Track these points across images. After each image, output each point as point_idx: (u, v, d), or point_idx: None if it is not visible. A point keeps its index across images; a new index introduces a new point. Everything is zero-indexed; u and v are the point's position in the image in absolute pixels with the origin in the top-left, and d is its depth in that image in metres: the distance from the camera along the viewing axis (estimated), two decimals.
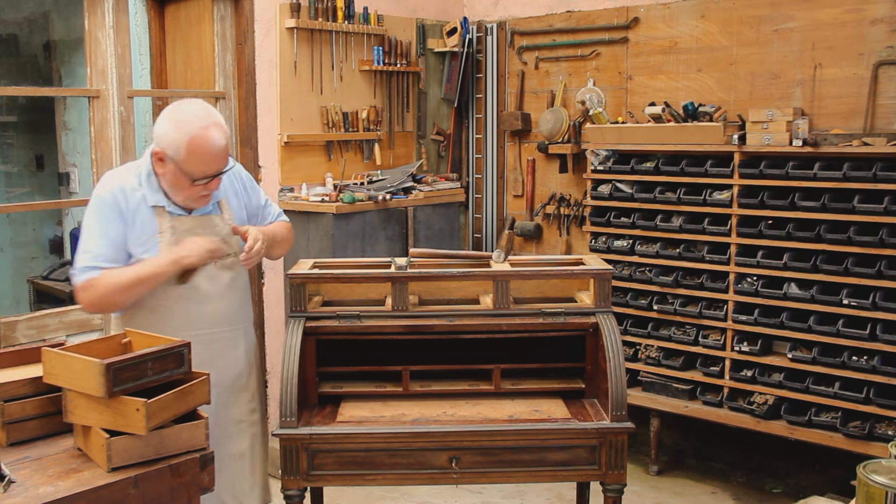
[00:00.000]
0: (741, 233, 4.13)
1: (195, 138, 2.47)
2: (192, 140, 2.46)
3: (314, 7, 4.64)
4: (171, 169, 2.51)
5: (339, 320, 2.78)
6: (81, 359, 1.97)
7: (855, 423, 3.81)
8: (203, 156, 2.48)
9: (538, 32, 5.19)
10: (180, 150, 2.47)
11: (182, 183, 2.52)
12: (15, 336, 3.69)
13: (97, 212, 2.54)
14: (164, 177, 2.55)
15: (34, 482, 1.89)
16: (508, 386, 2.91)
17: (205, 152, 2.48)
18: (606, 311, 2.81)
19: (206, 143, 2.48)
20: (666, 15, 4.64)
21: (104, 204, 2.53)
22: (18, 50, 6.17)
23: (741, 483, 4.51)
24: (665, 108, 4.41)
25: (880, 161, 3.72)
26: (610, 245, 4.59)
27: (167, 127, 2.51)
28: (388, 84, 5.13)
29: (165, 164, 2.51)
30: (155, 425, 1.96)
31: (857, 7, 4.00)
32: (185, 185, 2.52)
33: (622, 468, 2.65)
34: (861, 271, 3.76)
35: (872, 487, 1.67)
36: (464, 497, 4.29)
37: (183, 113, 2.52)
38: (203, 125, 2.49)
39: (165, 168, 2.52)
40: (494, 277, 2.82)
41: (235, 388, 2.76)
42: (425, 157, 5.41)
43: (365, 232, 4.53)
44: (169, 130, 2.50)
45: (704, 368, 4.30)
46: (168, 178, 2.54)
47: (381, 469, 2.64)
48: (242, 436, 2.78)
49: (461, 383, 2.92)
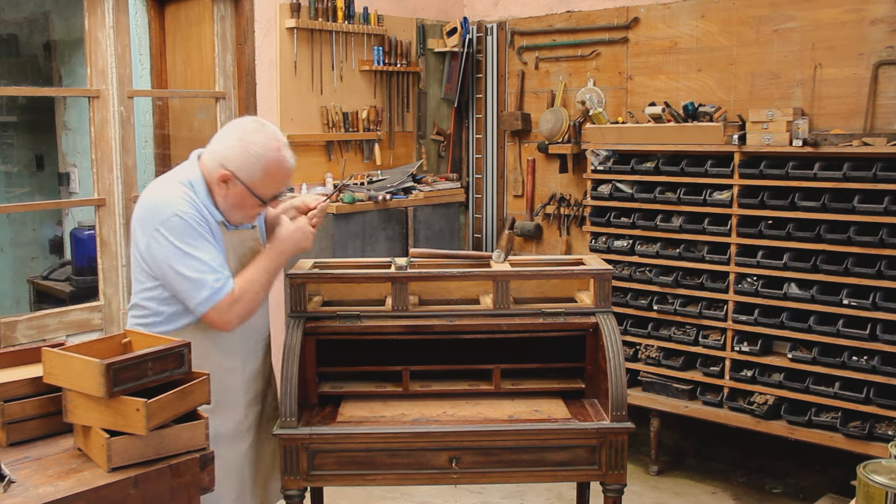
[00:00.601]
0: (741, 233, 4.13)
1: (271, 162, 2.44)
2: (268, 164, 2.43)
3: (314, 7, 4.64)
4: (239, 191, 2.45)
5: (339, 320, 2.78)
6: (81, 359, 1.97)
7: (855, 423, 3.81)
8: (277, 177, 2.48)
9: (538, 32, 5.19)
10: (255, 173, 2.43)
11: (249, 203, 2.49)
12: (15, 336, 3.69)
13: (189, 228, 2.39)
14: (227, 198, 2.47)
15: (34, 482, 1.89)
16: (508, 386, 2.91)
17: (280, 174, 2.48)
18: (606, 311, 2.81)
19: (281, 166, 2.47)
20: (666, 15, 4.64)
21: (190, 219, 2.40)
22: (18, 50, 6.17)
23: (741, 483, 4.51)
24: (665, 108, 4.41)
25: (880, 161, 3.72)
26: (610, 245, 4.59)
27: (238, 151, 2.44)
28: (388, 84, 5.14)
29: (233, 186, 2.45)
30: (155, 425, 1.96)
31: (857, 7, 4.00)
32: (252, 205, 2.50)
33: (622, 468, 2.65)
34: (861, 271, 3.76)
35: (872, 487, 1.67)
36: (464, 497, 4.29)
37: (252, 134, 2.46)
38: (276, 146, 2.46)
39: (231, 189, 2.46)
40: (494, 277, 2.82)
41: (269, 389, 2.78)
42: (425, 157, 5.41)
43: (365, 232, 4.54)
44: (241, 154, 2.44)
45: (704, 368, 4.30)
46: (232, 199, 2.47)
47: (381, 469, 2.64)
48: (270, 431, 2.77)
49: (461, 383, 2.92)
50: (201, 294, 2.38)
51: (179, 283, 2.40)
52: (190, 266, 2.38)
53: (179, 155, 5.02)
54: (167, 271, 2.41)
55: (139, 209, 2.48)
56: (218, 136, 2.54)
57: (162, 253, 2.39)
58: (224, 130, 2.54)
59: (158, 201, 2.44)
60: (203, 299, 2.38)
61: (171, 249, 2.38)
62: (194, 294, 2.39)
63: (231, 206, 2.49)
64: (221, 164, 2.46)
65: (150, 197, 2.47)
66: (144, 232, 2.43)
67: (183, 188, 2.46)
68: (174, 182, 2.49)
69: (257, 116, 2.58)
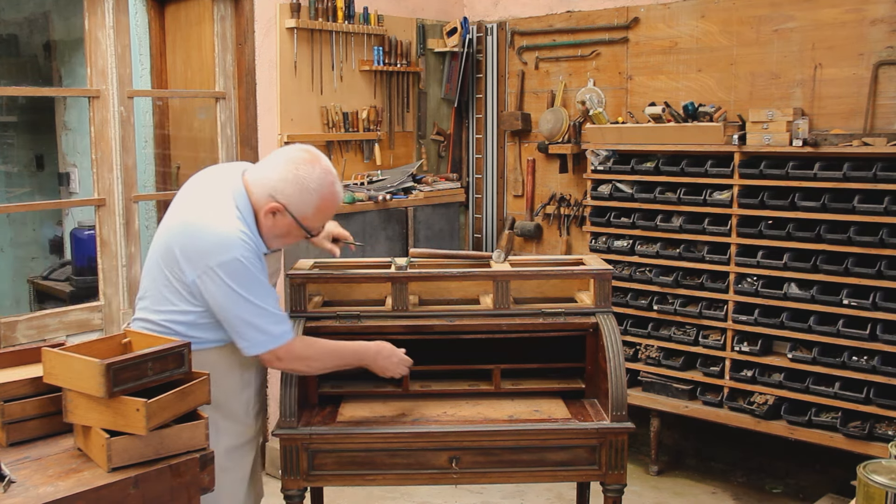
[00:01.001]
0: (741, 233, 4.13)
1: (326, 197, 2.45)
2: (322, 199, 2.44)
3: (314, 7, 4.64)
4: (287, 222, 2.44)
5: (339, 320, 2.78)
6: (81, 359, 1.97)
7: (855, 423, 3.81)
8: (328, 212, 2.50)
9: (538, 32, 5.19)
10: (308, 208, 2.43)
11: (294, 234, 2.49)
12: (15, 336, 3.69)
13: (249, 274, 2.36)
14: (273, 228, 2.45)
15: (34, 482, 1.89)
16: (508, 386, 2.91)
17: (332, 209, 2.50)
18: (606, 311, 2.81)
19: (334, 200, 2.49)
20: (666, 15, 4.64)
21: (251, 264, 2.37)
22: (18, 50, 6.17)
23: (741, 483, 4.51)
24: (665, 108, 4.41)
25: (880, 161, 3.72)
26: (610, 245, 4.59)
27: (292, 184, 2.41)
28: (388, 84, 5.14)
29: (281, 217, 2.43)
30: (155, 425, 1.96)
31: (857, 7, 4.00)
32: (298, 236, 2.51)
33: (622, 468, 2.65)
34: (861, 271, 3.76)
35: (872, 487, 1.67)
36: (464, 497, 4.29)
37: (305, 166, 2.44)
38: (331, 180, 2.46)
39: (278, 221, 2.44)
40: (494, 277, 2.82)
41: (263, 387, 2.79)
42: (425, 157, 5.41)
43: (365, 232, 4.54)
44: (294, 187, 2.41)
45: (704, 368, 4.30)
46: (278, 229, 2.46)
47: (381, 469, 2.64)
48: None
49: (461, 383, 2.92)
50: (258, 338, 2.40)
51: (237, 325, 2.39)
52: (251, 312, 2.37)
53: (179, 155, 5.02)
54: (224, 313, 2.38)
55: (189, 238, 2.38)
56: (269, 163, 2.49)
57: (220, 294, 2.35)
58: (275, 159, 2.49)
59: (217, 239, 2.35)
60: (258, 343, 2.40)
61: (231, 294, 2.35)
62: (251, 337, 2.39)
63: (275, 235, 2.48)
64: (272, 195, 2.42)
65: (206, 230, 2.37)
66: (195, 265, 2.36)
67: (239, 224, 2.38)
68: (229, 213, 2.40)
69: (307, 146, 2.55)
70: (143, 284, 2.54)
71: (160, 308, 2.45)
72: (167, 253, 2.42)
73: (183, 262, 2.37)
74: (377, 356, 2.65)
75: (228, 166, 2.63)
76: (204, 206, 2.44)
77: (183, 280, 2.39)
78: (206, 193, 2.49)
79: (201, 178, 2.59)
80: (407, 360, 2.70)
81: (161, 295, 2.45)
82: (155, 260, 2.48)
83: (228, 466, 2.54)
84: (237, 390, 2.56)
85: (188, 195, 2.54)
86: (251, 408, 2.63)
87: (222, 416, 2.51)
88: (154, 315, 2.46)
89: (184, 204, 2.51)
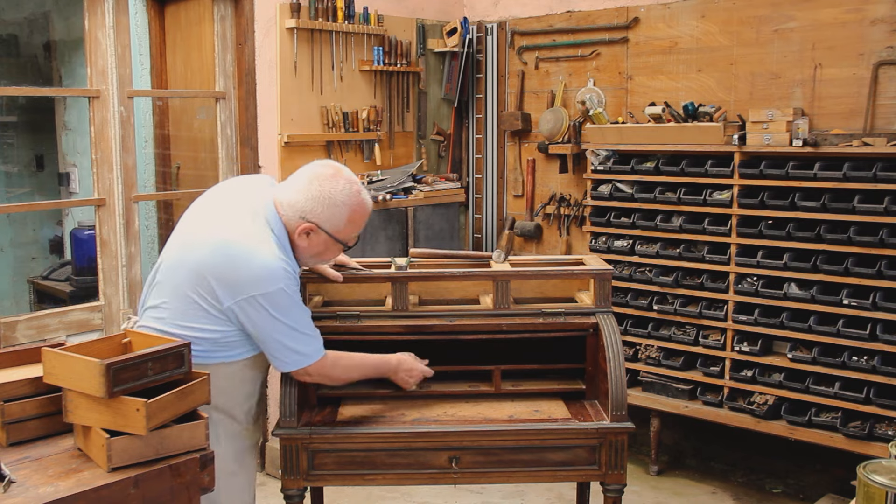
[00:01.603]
0: (741, 233, 4.13)
1: (355, 208, 2.47)
2: (353, 211, 2.47)
3: (314, 7, 4.64)
4: (323, 240, 2.48)
5: (339, 320, 2.78)
6: (81, 359, 1.97)
7: (855, 423, 3.81)
8: (360, 222, 2.52)
9: (538, 32, 5.19)
10: (340, 222, 2.46)
11: (332, 250, 2.53)
12: (15, 336, 3.69)
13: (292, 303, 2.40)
14: (309, 248, 2.49)
15: (34, 482, 1.89)
16: (508, 387, 2.90)
17: (363, 218, 2.53)
18: (606, 312, 2.81)
19: (364, 210, 2.51)
20: (666, 15, 4.64)
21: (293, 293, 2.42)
22: (18, 50, 6.17)
23: (741, 483, 4.51)
24: (665, 108, 4.41)
25: (880, 161, 3.72)
26: (610, 245, 4.59)
27: (320, 202, 2.43)
28: (388, 84, 5.14)
29: (316, 236, 2.47)
30: (155, 425, 1.96)
31: (857, 7, 4.00)
32: (335, 251, 2.56)
33: (622, 468, 2.65)
34: (861, 271, 3.76)
35: (872, 487, 1.67)
36: (464, 497, 4.29)
37: (330, 181, 2.45)
38: (357, 190, 2.48)
39: (313, 240, 2.47)
40: (494, 277, 2.82)
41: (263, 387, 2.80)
42: (425, 158, 5.41)
43: (365, 232, 4.51)
44: (323, 205, 2.43)
45: (704, 368, 4.30)
46: (314, 248, 2.50)
47: (381, 469, 2.64)
48: None
49: (461, 384, 2.92)
50: (292, 358, 2.47)
51: (273, 347, 2.45)
52: (289, 336, 2.42)
53: (179, 155, 5.03)
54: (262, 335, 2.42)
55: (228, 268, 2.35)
56: (293, 185, 2.48)
57: (261, 320, 2.38)
58: (298, 179, 2.49)
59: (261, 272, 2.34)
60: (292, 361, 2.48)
61: (271, 321, 2.38)
62: (285, 356, 2.46)
63: (311, 255, 2.53)
64: (303, 216, 2.44)
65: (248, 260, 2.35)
66: (235, 293, 2.34)
67: (278, 252, 2.39)
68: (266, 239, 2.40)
69: (327, 160, 2.57)
70: (159, 294, 2.47)
71: (183, 323, 2.41)
72: (197, 277, 2.37)
73: (219, 289, 2.36)
74: (398, 369, 2.73)
75: (251, 181, 2.63)
76: (238, 229, 2.40)
77: (217, 306, 2.38)
78: (236, 213, 2.45)
79: (225, 191, 2.57)
80: (427, 373, 2.77)
81: (186, 313, 2.41)
82: (179, 279, 2.41)
83: (237, 470, 2.57)
84: (246, 398, 2.60)
85: (214, 211, 2.50)
86: (253, 413, 2.66)
87: (231, 422, 2.55)
88: (174, 329, 2.41)
89: (211, 221, 2.47)
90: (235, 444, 2.58)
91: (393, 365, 2.72)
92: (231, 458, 2.53)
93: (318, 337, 2.52)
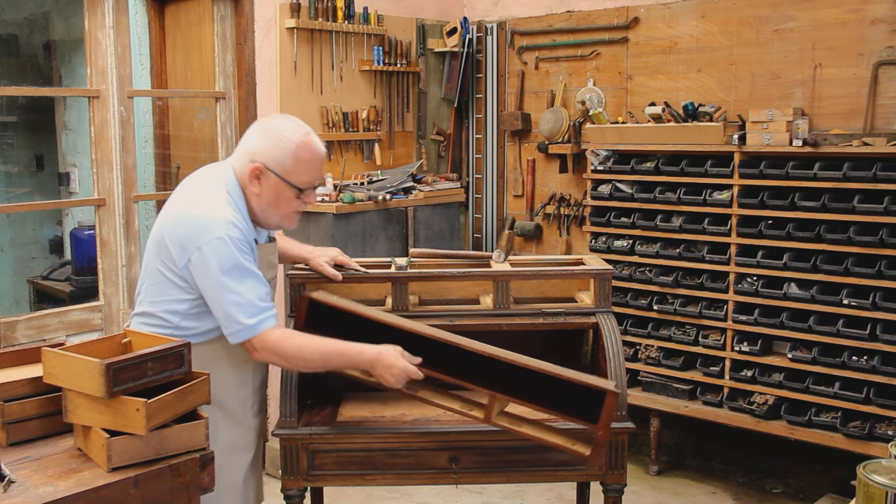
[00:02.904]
0: (741, 233, 4.13)
1: (302, 146, 2.40)
2: (299, 148, 2.40)
3: (314, 7, 4.64)
4: (274, 183, 2.41)
5: None
6: (81, 359, 1.97)
7: (855, 423, 3.81)
8: (310, 164, 2.43)
9: (538, 32, 5.19)
10: (287, 160, 2.39)
11: (285, 196, 2.43)
12: (15, 336, 3.69)
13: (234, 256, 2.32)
14: (261, 195, 2.42)
15: (34, 482, 1.89)
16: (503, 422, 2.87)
17: (313, 160, 2.44)
18: (606, 311, 2.81)
19: (313, 149, 2.43)
20: (666, 15, 4.64)
21: (238, 246, 2.34)
22: (18, 50, 6.17)
23: (741, 483, 4.51)
24: (665, 108, 4.41)
25: (880, 161, 3.72)
26: (610, 245, 4.59)
27: (266, 142, 2.41)
28: (388, 84, 5.14)
29: (266, 179, 2.41)
30: (155, 425, 1.96)
31: (857, 7, 4.00)
32: (289, 197, 2.44)
33: (622, 468, 2.65)
34: (861, 271, 3.76)
35: (872, 487, 1.67)
36: (464, 497, 4.29)
37: (278, 125, 2.45)
38: (305, 131, 2.44)
39: (264, 184, 2.41)
40: (494, 277, 2.82)
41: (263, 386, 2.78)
42: (425, 157, 5.41)
43: (365, 232, 4.53)
44: (270, 143, 2.40)
45: (704, 368, 4.30)
46: (267, 195, 2.42)
47: (381, 469, 2.64)
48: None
49: (455, 400, 2.89)
50: (234, 328, 2.35)
51: (218, 314, 2.37)
52: (227, 300, 2.33)
53: (179, 155, 5.02)
54: (209, 301, 2.37)
55: (180, 226, 2.38)
56: (243, 138, 2.51)
57: (204, 277, 2.34)
58: (249, 131, 2.51)
59: (205, 221, 2.34)
60: (235, 332, 2.36)
61: (212, 278, 2.32)
62: (228, 325, 2.36)
63: (266, 204, 2.44)
64: (251, 159, 2.42)
65: (195, 215, 2.37)
66: (185, 250, 2.34)
67: (229, 208, 2.38)
68: (219, 198, 2.40)
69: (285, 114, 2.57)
70: (140, 278, 2.55)
71: (156, 299, 2.44)
72: (159, 245, 2.42)
73: (174, 249, 2.37)
74: (376, 364, 2.43)
75: (221, 162, 2.65)
76: (194, 196, 2.45)
77: (175, 269, 2.39)
78: (197, 186, 2.50)
79: (195, 174, 2.60)
80: (414, 374, 2.45)
81: (157, 287, 2.44)
82: (149, 254, 2.48)
83: (223, 466, 2.51)
84: (234, 387, 2.54)
85: (181, 190, 2.54)
86: (249, 406, 2.61)
87: (220, 413, 2.49)
88: (151, 307, 2.45)
89: (175, 198, 2.51)
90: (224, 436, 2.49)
91: (369, 358, 2.42)
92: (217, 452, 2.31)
93: (269, 309, 2.38)
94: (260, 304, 2.36)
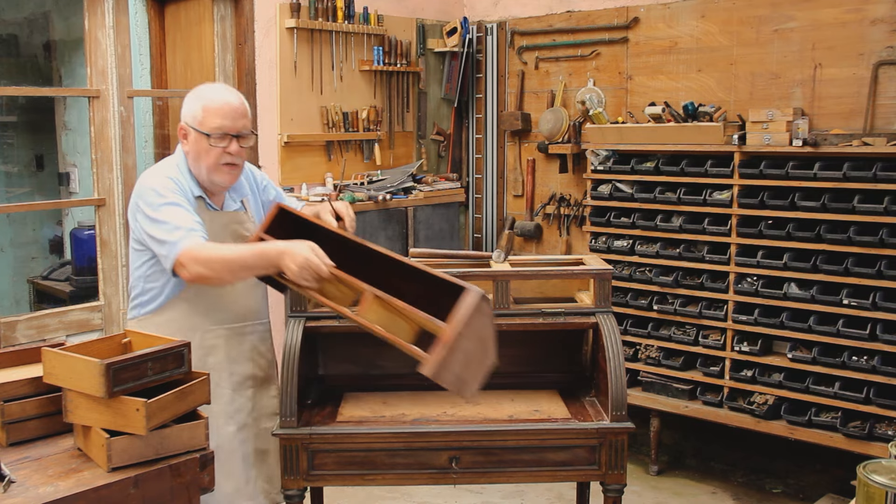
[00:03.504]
0: (741, 233, 4.13)
1: (209, 97, 2.57)
2: (206, 99, 2.56)
3: (314, 7, 4.64)
4: (193, 138, 2.56)
5: (339, 320, 2.77)
6: (81, 359, 1.97)
7: (855, 423, 3.81)
8: (218, 110, 2.54)
9: (538, 32, 5.19)
10: (197, 112, 2.55)
11: (204, 147, 2.55)
12: (15, 336, 3.69)
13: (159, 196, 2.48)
14: (190, 154, 2.58)
15: (34, 482, 1.89)
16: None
17: (218, 108, 2.55)
18: (606, 311, 2.81)
19: (219, 99, 2.57)
20: (666, 15, 4.64)
21: (168, 189, 2.51)
22: (18, 50, 6.17)
23: (741, 483, 4.51)
24: (665, 108, 4.41)
25: (880, 161, 3.72)
26: (610, 245, 4.59)
27: (186, 104, 2.60)
28: (388, 84, 5.14)
29: (189, 136, 2.57)
30: (155, 425, 1.96)
31: (857, 7, 4.00)
32: (207, 148, 2.54)
33: (622, 468, 2.65)
34: (861, 271, 3.76)
35: (872, 487, 1.67)
36: (464, 497, 4.29)
37: (197, 88, 2.64)
38: (215, 87, 2.66)
39: (190, 142, 2.57)
40: (494, 277, 2.82)
41: (267, 379, 2.79)
42: (425, 157, 5.41)
43: (365, 232, 4.53)
44: (187, 103, 2.60)
45: (704, 368, 4.30)
46: (192, 150, 2.57)
47: (381, 469, 2.64)
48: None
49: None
50: (164, 249, 2.45)
51: (154, 246, 2.49)
52: (153, 227, 2.47)
53: None
54: (146, 240, 2.51)
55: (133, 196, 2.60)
56: None
57: (140, 221, 2.51)
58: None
59: (144, 179, 2.58)
60: (166, 254, 2.45)
61: (145, 220, 2.49)
62: (160, 252, 2.48)
63: (194, 160, 2.58)
64: (179, 124, 2.60)
65: (141, 182, 2.59)
66: (132, 209, 2.57)
67: (172, 170, 2.58)
68: (166, 164, 2.63)
69: None
70: None
71: (132, 275, 2.66)
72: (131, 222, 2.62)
73: (131, 217, 2.59)
74: (283, 254, 2.31)
75: None
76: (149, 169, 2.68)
77: (134, 236, 2.59)
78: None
79: None
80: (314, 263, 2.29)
81: (133, 261, 2.65)
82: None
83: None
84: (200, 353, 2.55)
85: None
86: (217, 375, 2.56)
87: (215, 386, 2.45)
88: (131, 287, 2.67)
89: None
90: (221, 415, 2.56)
91: (280, 249, 2.32)
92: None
93: (191, 228, 2.43)
94: (183, 226, 2.46)
